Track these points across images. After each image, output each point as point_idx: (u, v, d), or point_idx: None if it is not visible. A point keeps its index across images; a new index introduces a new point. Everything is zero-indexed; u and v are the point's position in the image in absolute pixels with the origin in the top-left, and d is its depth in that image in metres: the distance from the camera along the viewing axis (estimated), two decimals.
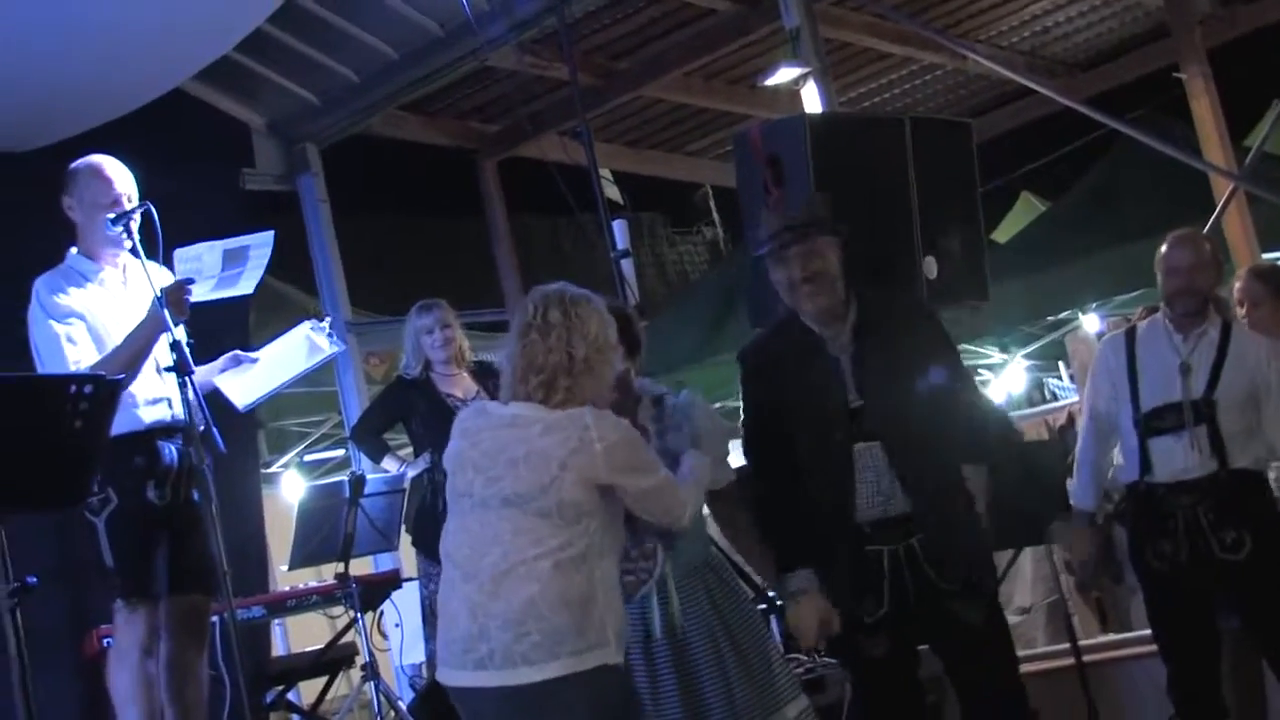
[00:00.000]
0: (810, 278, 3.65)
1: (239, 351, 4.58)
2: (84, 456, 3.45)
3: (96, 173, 4.32)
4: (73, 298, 4.28)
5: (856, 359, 3.67)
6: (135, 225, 4.24)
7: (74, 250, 4.39)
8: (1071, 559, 5.46)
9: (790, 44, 7.08)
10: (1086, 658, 5.44)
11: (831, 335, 3.71)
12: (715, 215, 17.41)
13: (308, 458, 10.36)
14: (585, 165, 5.57)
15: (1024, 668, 3.84)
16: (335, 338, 4.69)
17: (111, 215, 4.24)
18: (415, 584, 6.03)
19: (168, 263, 4.30)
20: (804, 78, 6.95)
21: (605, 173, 9.44)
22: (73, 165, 4.38)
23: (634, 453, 3.17)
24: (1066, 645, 5.53)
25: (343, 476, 6.00)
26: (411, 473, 5.84)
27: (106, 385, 3.58)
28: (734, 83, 9.25)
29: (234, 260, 4.25)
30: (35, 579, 3.37)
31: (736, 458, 3.78)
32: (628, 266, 5.48)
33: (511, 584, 3.05)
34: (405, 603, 6.15)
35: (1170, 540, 4.32)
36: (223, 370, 4.53)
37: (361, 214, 11.35)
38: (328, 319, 4.79)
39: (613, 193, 8.70)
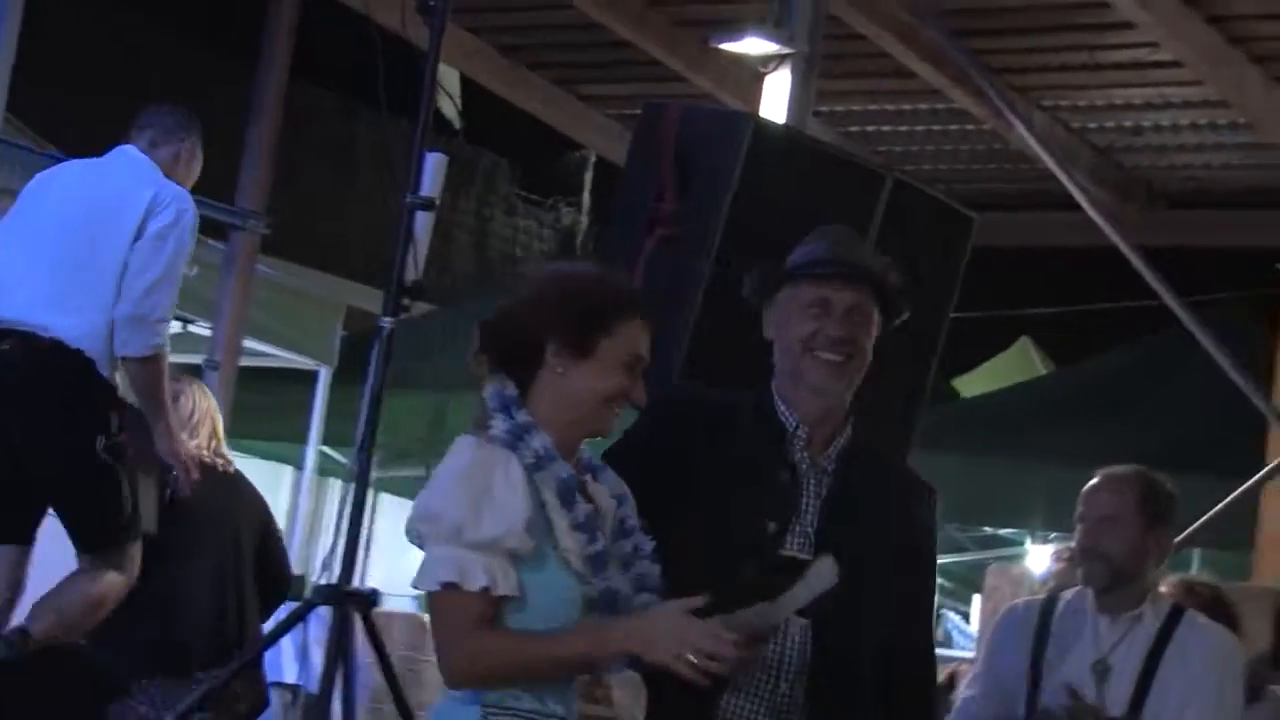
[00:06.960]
0: (847, 342, 3.65)
1: None
2: None
3: None
4: None
5: (834, 498, 3.68)
6: None
7: None
8: None
9: (773, 3, 7.20)
10: None
11: (813, 448, 3.71)
12: (586, 193, 17.48)
13: None
14: (423, 51, 5.50)
15: None
16: None
17: None
18: None
19: None
20: (778, 60, 7.05)
21: (451, 76, 9.41)
22: None
23: None
24: None
25: None
26: None
27: None
28: (682, 25, 9.38)
29: None
30: None
31: None
32: (423, 222, 5.34)
33: None
34: None
35: None
36: None
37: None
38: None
39: (448, 108, 8.65)
